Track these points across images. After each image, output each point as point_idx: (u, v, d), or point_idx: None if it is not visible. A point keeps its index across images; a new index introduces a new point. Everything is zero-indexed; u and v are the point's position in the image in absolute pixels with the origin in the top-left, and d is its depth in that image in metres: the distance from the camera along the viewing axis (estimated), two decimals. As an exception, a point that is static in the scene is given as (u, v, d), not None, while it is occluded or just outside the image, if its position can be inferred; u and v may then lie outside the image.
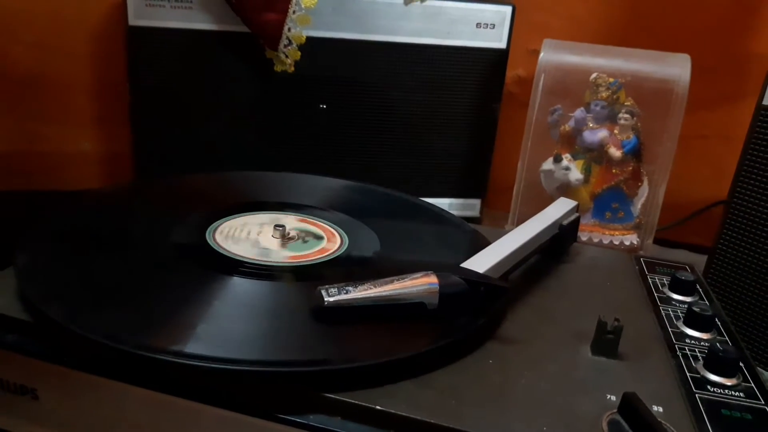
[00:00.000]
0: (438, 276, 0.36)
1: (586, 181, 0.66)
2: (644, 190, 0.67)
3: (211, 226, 0.45)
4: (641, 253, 0.65)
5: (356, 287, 0.35)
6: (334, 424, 0.30)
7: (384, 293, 0.35)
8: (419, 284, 0.36)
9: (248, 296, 0.38)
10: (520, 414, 0.31)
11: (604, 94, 0.65)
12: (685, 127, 0.63)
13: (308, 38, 0.64)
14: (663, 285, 0.47)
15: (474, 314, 0.37)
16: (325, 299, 0.34)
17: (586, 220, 0.67)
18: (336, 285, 0.35)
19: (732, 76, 0.77)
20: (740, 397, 0.34)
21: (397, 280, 0.36)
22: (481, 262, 0.39)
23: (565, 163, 0.65)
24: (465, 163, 0.73)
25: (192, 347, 0.31)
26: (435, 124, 0.71)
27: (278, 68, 0.65)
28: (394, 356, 0.32)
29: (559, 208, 0.51)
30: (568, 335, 0.38)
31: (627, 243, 0.67)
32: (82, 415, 0.34)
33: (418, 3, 0.66)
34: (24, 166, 0.79)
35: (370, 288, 0.35)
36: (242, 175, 0.58)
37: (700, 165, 0.79)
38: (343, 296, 0.34)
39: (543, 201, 0.60)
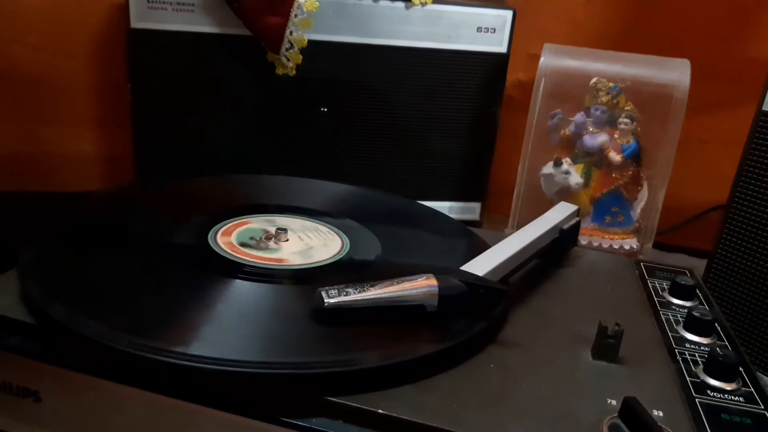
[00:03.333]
0: (438, 278, 0.36)
1: (586, 185, 0.66)
2: (644, 195, 0.67)
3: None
4: (641, 257, 0.65)
5: (356, 289, 0.35)
6: (335, 427, 0.30)
7: (384, 295, 0.35)
8: (419, 286, 0.36)
9: (249, 298, 0.38)
10: (521, 418, 0.31)
11: (604, 99, 0.65)
12: (684, 131, 0.63)
13: (310, 41, 0.64)
14: (663, 289, 0.47)
15: (474, 318, 0.37)
16: (325, 301, 0.34)
17: (586, 224, 0.67)
18: (336, 287, 0.35)
19: (731, 81, 0.77)
20: (740, 401, 0.34)
21: (397, 282, 0.36)
22: (480, 266, 0.39)
23: (565, 167, 0.66)
24: (465, 167, 0.73)
25: (194, 349, 0.31)
26: (435, 127, 0.71)
27: (279, 71, 0.65)
28: (395, 360, 0.32)
29: (559, 212, 0.51)
30: (568, 339, 0.39)
31: (627, 247, 0.67)
32: (84, 418, 0.34)
33: (420, 7, 0.66)
34: (25, 168, 0.79)
35: (370, 290, 0.35)
36: (243, 178, 0.58)
37: (699, 169, 0.79)
38: (343, 298, 0.35)
39: (543, 205, 0.61)
